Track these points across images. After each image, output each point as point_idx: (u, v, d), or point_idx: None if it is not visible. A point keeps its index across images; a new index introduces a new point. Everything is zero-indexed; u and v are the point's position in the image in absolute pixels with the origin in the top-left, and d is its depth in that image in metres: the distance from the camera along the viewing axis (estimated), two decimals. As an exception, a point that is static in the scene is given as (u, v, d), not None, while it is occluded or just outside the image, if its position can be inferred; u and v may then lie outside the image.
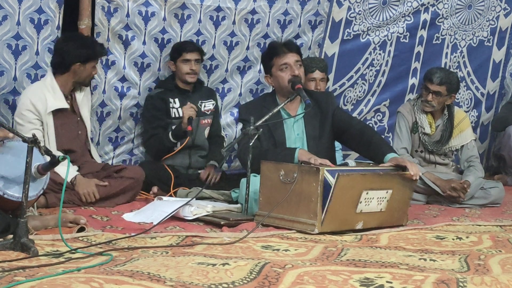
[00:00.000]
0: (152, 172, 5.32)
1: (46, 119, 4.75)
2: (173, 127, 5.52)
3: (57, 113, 4.81)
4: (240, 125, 5.99)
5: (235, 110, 6.05)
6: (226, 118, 6.04)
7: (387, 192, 4.27)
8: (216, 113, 5.84)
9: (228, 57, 5.89)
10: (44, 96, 4.75)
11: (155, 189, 5.29)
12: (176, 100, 5.60)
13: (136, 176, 4.96)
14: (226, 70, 5.93)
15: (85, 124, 5.00)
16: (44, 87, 4.80)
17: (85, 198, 4.67)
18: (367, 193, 4.17)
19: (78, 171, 4.84)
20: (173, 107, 5.60)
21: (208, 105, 5.74)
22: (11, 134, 3.56)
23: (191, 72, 5.55)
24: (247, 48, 5.91)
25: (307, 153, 4.42)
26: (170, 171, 5.34)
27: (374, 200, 4.23)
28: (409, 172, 4.30)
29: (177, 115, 5.59)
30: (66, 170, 3.43)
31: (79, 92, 4.98)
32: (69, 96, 4.92)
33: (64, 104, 4.82)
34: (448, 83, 5.50)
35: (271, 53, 4.78)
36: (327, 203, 4.02)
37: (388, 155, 4.46)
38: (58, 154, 4.63)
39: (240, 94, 6.05)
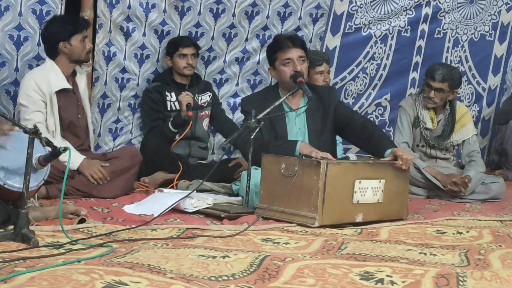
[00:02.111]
0: (156, 154, 5.33)
1: (51, 99, 4.75)
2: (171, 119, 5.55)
3: (60, 94, 4.79)
4: (237, 115, 6.02)
5: (232, 100, 6.08)
6: (222, 107, 6.06)
7: (380, 182, 4.28)
8: (215, 103, 5.86)
9: (227, 49, 5.90)
10: (47, 77, 4.75)
11: (146, 179, 5.29)
12: (173, 94, 5.64)
13: (133, 153, 5.00)
14: (224, 61, 5.94)
15: (85, 110, 4.99)
16: (45, 69, 4.81)
17: (94, 178, 4.69)
18: (360, 182, 4.18)
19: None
20: (169, 101, 5.63)
21: (204, 98, 5.78)
22: (16, 128, 3.55)
23: (188, 66, 5.59)
24: (246, 39, 5.92)
25: (308, 146, 4.42)
26: (179, 161, 5.34)
27: (369, 190, 4.24)
28: (398, 162, 4.32)
29: (173, 108, 5.62)
30: (68, 162, 3.43)
31: (80, 78, 4.96)
32: (71, 79, 4.90)
33: (67, 85, 4.82)
34: (450, 80, 5.49)
35: (275, 47, 4.77)
36: (322, 193, 4.04)
37: (388, 150, 4.46)
38: (61, 141, 4.68)
39: (237, 84, 6.07)
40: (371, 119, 6.55)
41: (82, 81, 4.98)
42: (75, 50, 4.81)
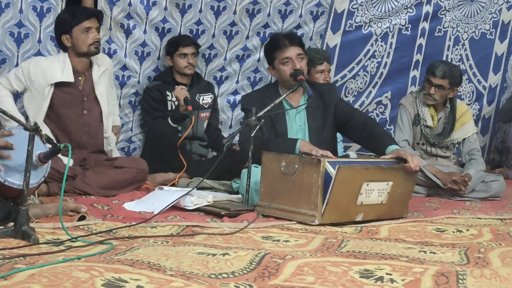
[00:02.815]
0: (163, 146, 5.30)
1: (44, 91, 4.70)
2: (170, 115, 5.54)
3: (61, 88, 4.75)
4: (237, 112, 6.02)
5: (232, 97, 6.08)
6: (222, 104, 6.07)
7: (387, 184, 4.26)
8: (214, 108, 5.85)
9: (228, 46, 5.90)
10: (51, 68, 4.71)
11: None
12: (173, 93, 5.61)
13: (141, 168, 4.91)
14: (225, 59, 5.95)
15: (99, 104, 4.90)
16: (56, 60, 4.78)
17: None
18: (367, 185, 4.16)
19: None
20: (170, 100, 5.62)
21: (206, 99, 5.76)
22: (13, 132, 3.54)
23: (189, 65, 5.59)
24: (247, 37, 5.92)
25: (308, 144, 4.42)
26: (182, 156, 5.33)
27: (375, 192, 4.22)
28: (409, 164, 4.29)
29: (173, 108, 5.59)
30: (68, 159, 3.43)
31: (98, 69, 4.88)
32: (84, 73, 4.84)
33: (69, 78, 4.73)
34: (451, 77, 5.49)
35: (273, 46, 4.77)
36: (327, 195, 4.02)
37: (389, 147, 4.45)
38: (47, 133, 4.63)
39: (237, 82, 6.07)
40: (372, 117, 6.54)
41: (98, 72, 4.87)
42: (76, 43, 4.74)
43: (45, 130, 4.65)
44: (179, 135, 5.52)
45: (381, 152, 4.48)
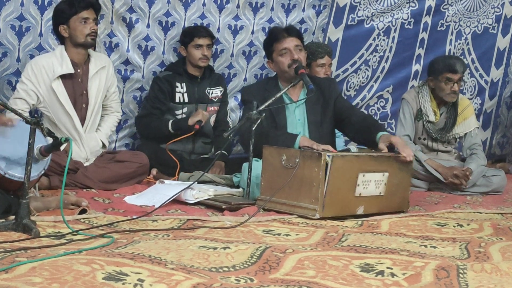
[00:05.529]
0: (152, 155, 5.27)
1: (52, 87, 4.70)
2: (177, 116, 5.49)
3: (63, 80, 4.75)
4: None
5: (240, 95, 6.04)
6: (230, 103, 6.03)
7: (383, 175, 4.28)
8: (223, 100, 5.80)
9: (233, 42, 5.88)
10: (51, 63, 4.71)
11: (154, 171, 5.26)
12: (184, 85, 5.56)
13: (142, 162, 4.93)
14: (232, 55, 5.92)
15: (88, 100, 4.89)
16: (53, 55, 4.78)
17: None
18: (363, 176, 4.18)
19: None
20: (179, 92, 5.57)
21: (215, 92, 5.70)
22: (10, 122, 3.54)
23: (203, 57, 5.53)
24: (252, 32, 5.90)
25: (308, 140, 4.42)
26: (175, 158, 5.29)
27: (372, 183, 4.24)
28: (402, 154, 4.30)
29: (181, 100, 5.54)
30: (69, 154, 3.43)
31: (95, 64, 4.87)
32: (81, 66, 4.84)
33: (69, 70, 4.73)
34: (466, 67, 5.50)
35: (271, 39, 4.78)
36: (325, 185, 4.03)
37: (379, 133, 4.44)
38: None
39: (245, 79, 6.04)
40: (373, 111, 6.54)
41: (94, 67, 4.87)
42: (74, 33, 4.74)
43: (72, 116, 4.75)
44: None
45: (372, 140, 4.46)
